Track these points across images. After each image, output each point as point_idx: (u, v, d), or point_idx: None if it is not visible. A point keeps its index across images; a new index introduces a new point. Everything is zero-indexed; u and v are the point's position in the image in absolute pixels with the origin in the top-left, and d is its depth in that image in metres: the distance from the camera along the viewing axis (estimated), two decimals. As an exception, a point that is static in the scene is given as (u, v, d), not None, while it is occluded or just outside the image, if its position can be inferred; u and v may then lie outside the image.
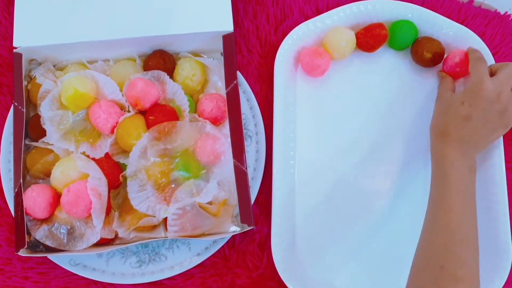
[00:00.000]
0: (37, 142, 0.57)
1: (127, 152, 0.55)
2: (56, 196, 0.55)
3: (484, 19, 0.63)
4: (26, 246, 0.52)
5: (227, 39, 0.57)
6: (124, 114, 0.56)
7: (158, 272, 0.56)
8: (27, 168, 0.56)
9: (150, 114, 0.56)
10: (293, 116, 0.60)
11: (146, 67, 0.59)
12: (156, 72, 0.58)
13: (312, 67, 0.59)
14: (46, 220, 0.55)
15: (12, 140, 0.56)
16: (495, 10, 0.64)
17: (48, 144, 0.56)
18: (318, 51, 0.59)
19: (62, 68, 0.60)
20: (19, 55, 0.57)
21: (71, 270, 0.56)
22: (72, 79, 0.56)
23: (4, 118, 0.59)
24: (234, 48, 0.57)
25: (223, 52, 0.57)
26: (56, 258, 0.56)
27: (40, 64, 0.60)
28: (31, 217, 0.54)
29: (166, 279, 0.57)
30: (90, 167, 0.54)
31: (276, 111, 0.58)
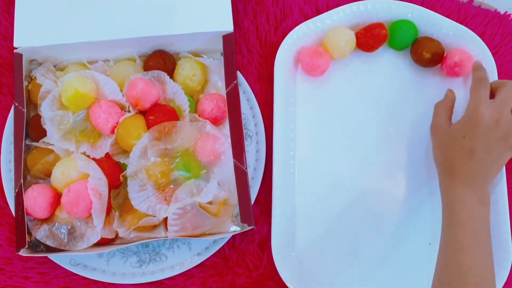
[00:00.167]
0: (37, 142, 0.57)
1: (128, 152, 0.55)
2: (56, 196, 0.55)
3: (483, 19, 0.63)
4: (26, 246, 0.52)
5: (227, 39, 0.57)
6: (125, 114, 0.56)
7: (159, 272, 0.56)
8: (27, 168, 0.56)
9: (150, 114, 0.56)
10: (293, 116, 0.60)
11: (146, 67, 0.59)
12: (156, 72, 0.58)
13: (312, 67, 0.59)
14: (47, 220, 0.55)
15: (12, 140, 0.56)
16: (495, 10, 0.64)
17: (49, 144, 0.56)
18: (318, 51, 0.59)
19: (63, 69, 0.60)
20: (19, 56, 0.57)
21: (72, 270, 0.56)
22: (72, 79, 0.56)
23: (5, 118, 0.59)
24: (234, 48, 0.57)
25: (223, 52, 0.57)
26: (57, 258, 0.56)
27: (40, 64, 0.60)
28: (31, 217, 0.54)
29: (166, 279, 0.57)
30: (90, 167, 0.54)
31: (276, 111, 0.58)
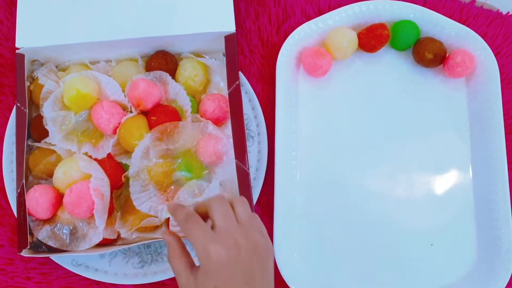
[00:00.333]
0: (39, 142, 0.57)
1: (130, 153, 0.55)
2: (58, 196, 0.55)
3: (486, 19, 0.63)
4: (28, 247, 0.52)
5: (229, 39, 0.57)
6: (126, 114, 0.56)
7: (161, 272, 0.56)
8: (29, 169, 0.56)
9: (152, 115, 0.56)
10: (295, 116, 0.60)
11: (148, 68, 0.59)
12: (158, 72, 0.58)
13: (314, 67, 0.59)
14: (49, 221, 0.55)
15: (14, 140, 0.56)
16: (497, 10, 0.64)
17: (51, 144, 0.56)
18: (320, 51, 0.59)
19: (65, 69, 0.60)
20: (21, 56, 0.57)
21: (74, 270, 0.56)
22: (74, 80, 0.56)
23: (7, 119, 0.59)
24: (236, 49, 0.57)
25: (225, 52, 0.57)
26: (59, 258, 0.56)
27: (42, 64, 0.60)
28: (33, 217, 0.54)
29: (168, 279, 0.57)
30: (92, 168, 0.54)
31: (278, 111, 0.58)
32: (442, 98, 0.60)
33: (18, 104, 0.56)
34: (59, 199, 0.54)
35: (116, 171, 0.56)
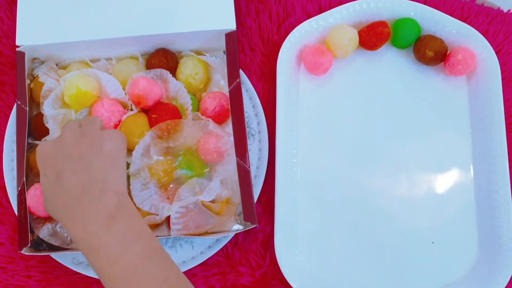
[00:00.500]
0: (40, 140, 0.57)
1: (130, 151, 0.55)
2: (59, 194, 0.54)
3: (487, 17, 0.63)
4: (29, 245, 0.52)
5: (229, 37, 0.57)
6: (127, 112, 0.56)
7: (161, 270, 0.56)
8: (30, 167, 0.56)
9: (153, 113, 0.56)
10: (295, 114, 0.60)
11: (149, 66, 0.59)
12: (158, 70, 0.58)
13: (315, 65, 0.59)
14: (50, 219, 0.55)
15: (15, 138, 0.56)
16: (498, 8, 0.64)
17: (51, 142, 0.56)
18: (320, 49, 0.59)
19: (65, 67, 0.60)
20: (21, 54, 0.57)
21: (74, 268, 0.56)
22: (74, 78, 0.56)
23: (7, 117, 0.59)
24: (236, 47, 0.57)
25: (225, 50, 0.57)
26: (59, 256, 0.56)
27: (42, 62, 0.60)
28: (34, 215, 0.54)
29: (169, 277, 0.57)
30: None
31: (278, 109, 0.58)
32: (443, 96, 0.60)
33: (19, 102, 0.56)
34: (59, 197, 0.54)
35: (116, 169, 0.56)
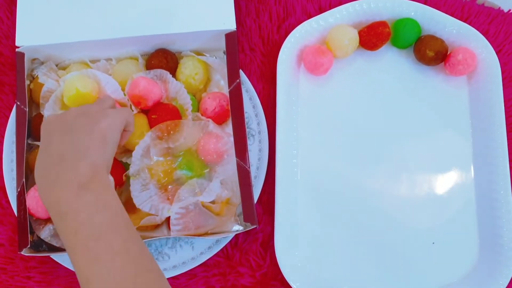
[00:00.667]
0: (39, 141, 0.57)
1: (130, 151, 0.55)
2: (59, 195, 0.54)
3: (487, 17, 0.63)
4: (29, 246, 0.52)
5: (229, 37, 0.57)
6: (127, 113, 0.56)
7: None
8: (29, 168, 0.56)
9: (152, 113, 0.56)
10: (295, 114, 0.60)
11: (149, 66, 0.59)
12: (158, 71, 0.58)
13: (315, 65, 0.59)
14: (51, 220, 0.54)
15: (14, 139, 0.56)
16: (499, 8, 0.64)
17: (51, 143, 0.56)
18: (321, 49, 0.59)
19: (65, 67, 0.60)
20: (21, 54, 0.57)
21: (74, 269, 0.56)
22: (74, 79, 0.56)
23: (7, 118, 0.59)
24: (236, 47, 0.57)
25: (225, 50, 0.57)
26: (59, 257, 0.56)
27: (42, 63, 0.60)
28: (34, 217, 0.54)
29: (169, 278, 0.57)
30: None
31: (278, 109, 0.58)
32: (444, 96, 0.60)
33: (18, 103, 0.56)
34: (59, 198, 0.54)
35: (117, 170, 0.55)
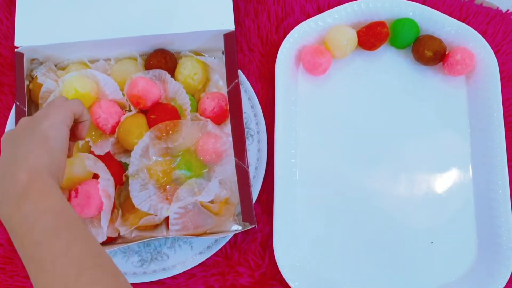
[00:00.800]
0: (38, 141, 0.57)
1: (129, 151, 0.55)
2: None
3: (485, 17, 0.63)
4: (28, 245, 0.52)
5: (228, 37, 0.57)
6: (125, 113, 0.56)
7: (160, 271, 0.56)
8: (29, 168, 0.56)
9: (151, 113, 0.56)
10: (294, 114, 0.60)
11: (148, 66, 0.59)
12: (157, 71, 0.58)
13: (314, 65, 0.59)
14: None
15: (14, 139, 0.56)
16: (497, 8, 0.64)
17: (50, 143, 0.56)
18: (319, 49, 0.59)
19: (64, 68, 0.60)
20: (20, 55, 0.57)
21: (73, 269, 0.56)
22: (72, 80, 0.56)
23: (6, 118, 0.59)
24: (235, 47, 0.57)
25: (224, 51, 0.57)
26: (58, 257, 0.56)
27: (41, 63, 0.60)
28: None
29: (168, 278, 0.57)
30: (99, 168, 0.54)
31: (277, 109, 0.58)
32: (442, 96, 0.60)
33: (18, 103, 0.56)
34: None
35: (116, 170, 0.56)
